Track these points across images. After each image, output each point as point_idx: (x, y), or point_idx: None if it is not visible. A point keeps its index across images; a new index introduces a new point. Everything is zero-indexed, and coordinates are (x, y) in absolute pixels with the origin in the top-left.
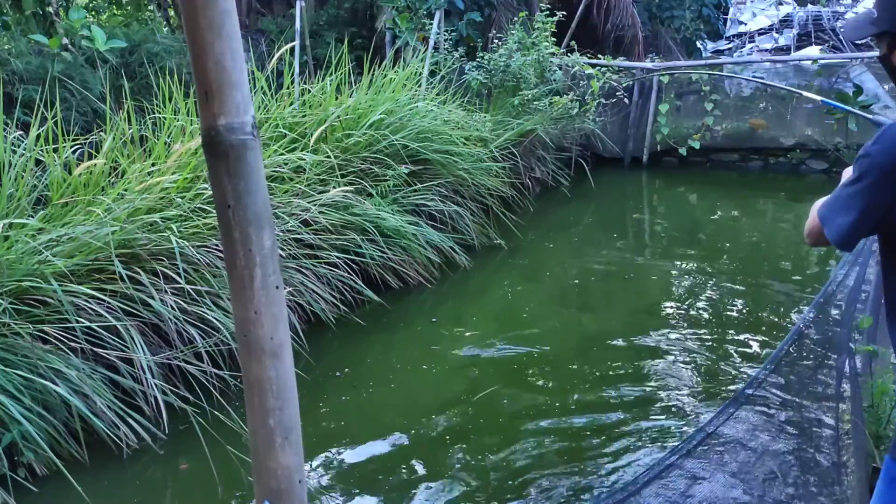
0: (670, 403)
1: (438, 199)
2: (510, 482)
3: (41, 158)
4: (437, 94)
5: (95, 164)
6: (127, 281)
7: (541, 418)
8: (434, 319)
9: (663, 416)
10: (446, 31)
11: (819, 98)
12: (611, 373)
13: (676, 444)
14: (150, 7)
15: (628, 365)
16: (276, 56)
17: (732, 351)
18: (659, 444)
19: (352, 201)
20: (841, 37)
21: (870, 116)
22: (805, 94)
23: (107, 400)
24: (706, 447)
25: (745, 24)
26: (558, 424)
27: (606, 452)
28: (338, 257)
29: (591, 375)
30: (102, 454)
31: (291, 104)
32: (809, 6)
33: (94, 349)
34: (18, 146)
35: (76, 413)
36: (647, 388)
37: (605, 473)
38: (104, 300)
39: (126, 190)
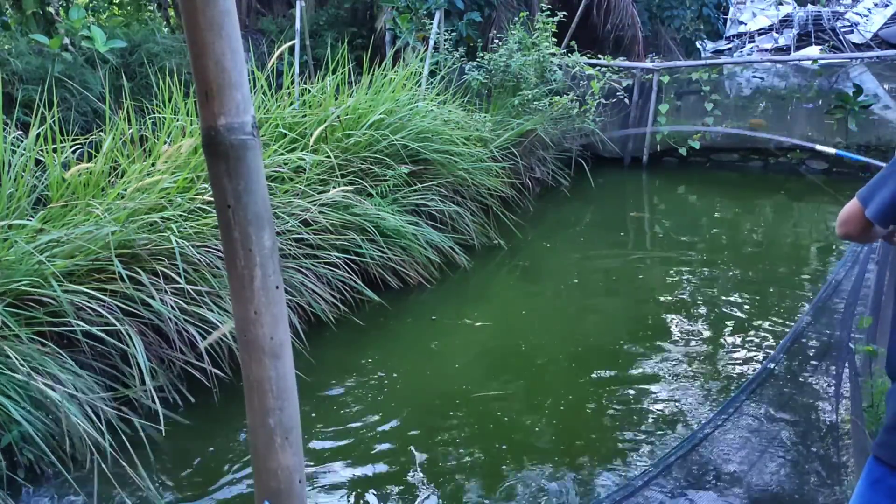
0: (670, 403)
1: (438, 199)
2: (509, 481)
3: (41, 158)
4: (437, 94)
5: (85, 166)
6: (127, 281)
7: (540, 419)
8: (434, 317)
9: (662, 416)
10: (446, 31)
11: (833, 151)
12: (610, 373)
13: (676, 443)
14: (150, 7)
15: (628, 365)
16: (276, 55)
17: (732, 350)
18: (658, 443)
19: (352, 201)
20: (882, 36)
21: None
22: (820, 147)
23: (105, 399)
24: (705, 447)
25: (745, 24)
26: (557, 425)
27: (605, 452)
28: (338, 257)
29: (590, 375)
30: (101, 454)
31: (291, 104)
32: (809, 6)
33: (94, 349)
34: (18, 146)
35: (75, 414)
36: (647, 388)
37: (603, 473)
38: (104, 300)
39: (126, 190)
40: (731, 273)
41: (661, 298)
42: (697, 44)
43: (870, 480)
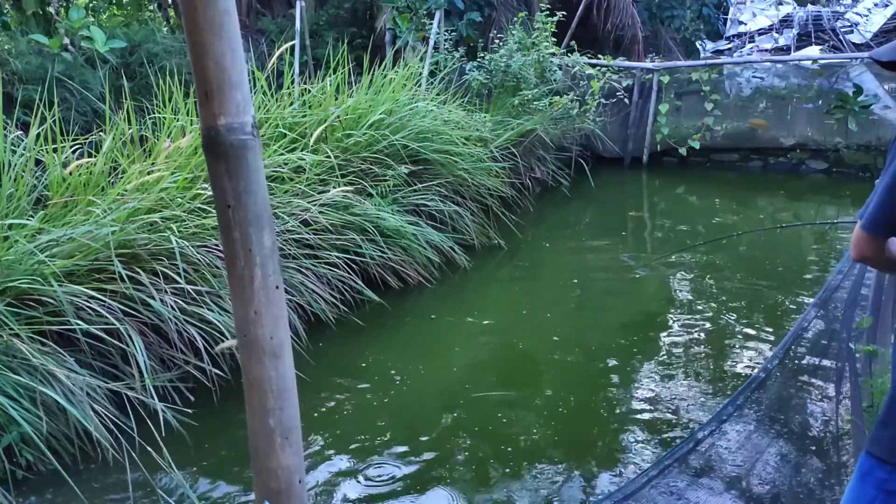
0: (670, 403)
1: (438, 199)
2: (508, 481)
3: (41, 158)
4: (437, 94)
5: (83, 164)
6: (127, 281)
7: (539, 419)
8: (433, 316)
9: (662, 416)
10: (446, 31)
11: None
12: (610, 372)
13: (675, 444)
14: (150, 7)
15: (627, 364)
16: (276, 56)
17: (732, 351)
18: (658, 443)
19: (352, 201)
20: (874, 57)
21: None
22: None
23: (105, 398)
24: (705, 448)
25: (745, 24)
26: (557, 425)
27: (605, 452)
28: (338, 257)
29: (590, 375)
30: (101, 453)
31: (291, 104)
32: (809, 6)
33: (94, 349)
34: (18, 146)
35: (73, 415)
36: (646, 388)
37: (604, 473)
38: (104, 300)
39: (126, 190)
40: (731, 273)
41: (661, 298)
42: (697, 44)
43: (860, 473)
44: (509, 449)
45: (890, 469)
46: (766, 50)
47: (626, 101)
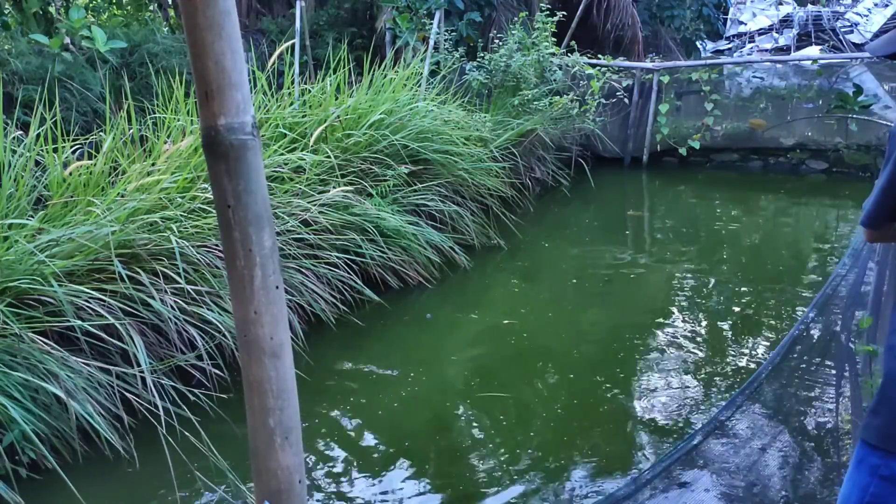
0: (669, 403)
1: (438, 199)
2: (510, 482)
3: (41, 158)
4: (437, 94)
5: (84, 163)
6: (127, 281)
7: (540, 420)
8: (429, 315)
9: (662, 416)
10: (446, 31)
11: None
12: (610, 373)
13: (675, 445)
14: (150, 7)
15: (627, 365)
16: (276, 56)
17: (732, 351)
18: (658, 443)
19: (352, 201)
20: (868, 52)
21: None
22: None
23: (105, 398)
24: (705, 448)
25: (745, 24)
26: (558, 426)
27: (604, 452)
28: (338, 257)
29: (590, 375)
30: (101, 452)
31: (291, 104)
32: (809, 6)
33: (94, 348)
34: (18, 146)
35: (74, 413)
36: (646, 388)
37: (603, 473)
38: (104, 300)
39: (126, 190)
40: (731, 273)
41: (661, 298)
42: (697, 44)
43: (855, 460)
44: (510, 449)
45: (882, 455)
46: (766, 50)
47: (626, 101)
